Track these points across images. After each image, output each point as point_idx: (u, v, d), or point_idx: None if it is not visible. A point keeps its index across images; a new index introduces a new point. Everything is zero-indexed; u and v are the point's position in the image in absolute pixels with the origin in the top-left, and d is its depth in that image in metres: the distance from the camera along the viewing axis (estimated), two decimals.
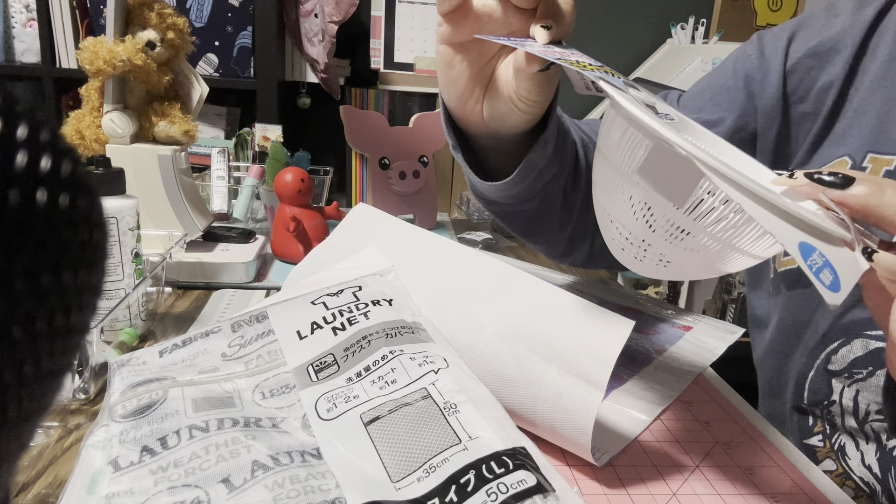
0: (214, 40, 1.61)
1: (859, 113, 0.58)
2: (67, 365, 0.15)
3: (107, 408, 0.39)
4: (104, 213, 0.15)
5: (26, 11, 1.60)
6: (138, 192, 0.65)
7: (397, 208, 1.06)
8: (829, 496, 0.43)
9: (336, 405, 0.38)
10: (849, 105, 0.59)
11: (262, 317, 0.46)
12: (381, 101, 1.68)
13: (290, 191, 0.84)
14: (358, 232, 0.55)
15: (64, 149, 0.14)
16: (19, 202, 0.12)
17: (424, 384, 0.39)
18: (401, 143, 1.04)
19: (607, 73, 0.38)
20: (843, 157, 0.58)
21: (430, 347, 0.42)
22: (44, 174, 0.13)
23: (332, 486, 0.33)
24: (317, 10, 1.54)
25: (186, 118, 0.78)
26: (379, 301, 0.46)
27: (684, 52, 1.71)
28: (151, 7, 0.75)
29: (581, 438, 0.42)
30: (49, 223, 0.13)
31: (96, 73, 0.72)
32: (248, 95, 1.61)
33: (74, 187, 0.14)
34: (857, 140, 0.58)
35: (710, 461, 0.46)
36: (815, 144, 0.61)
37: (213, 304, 0.72)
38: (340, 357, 0.42)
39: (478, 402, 0.37)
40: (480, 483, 0.32)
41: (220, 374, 0.42)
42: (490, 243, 1.06)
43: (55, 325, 0.14)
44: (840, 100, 0.59)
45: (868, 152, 0.57)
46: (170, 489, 0.32)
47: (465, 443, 0.35)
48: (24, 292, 0.13)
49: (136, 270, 0.62)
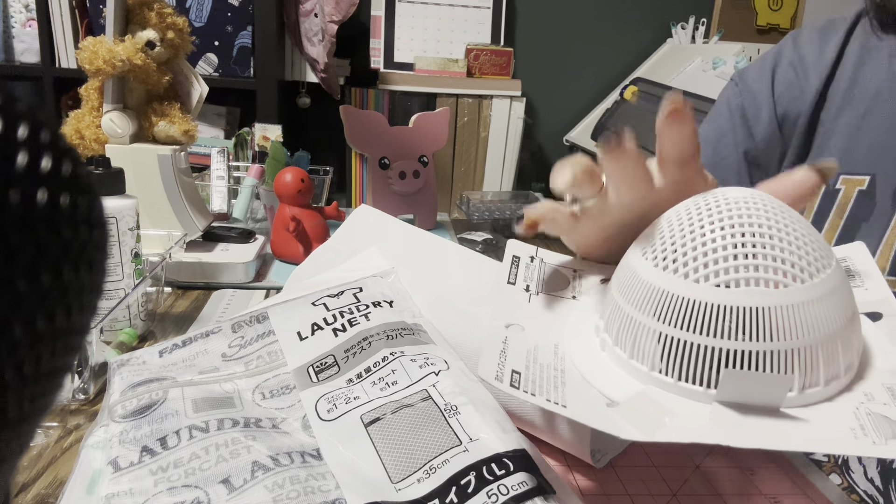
0: (214, 40, 1.61)
1: (828, 136, 0.61)
2: (68, 365, 0.15)
3: (106, 408, 0.39)
4: (104, 213, 0.15)
5: (26, 11, 1.60)
6: (138, 192, 0.65)
7: (397, 208, 1.06)
8: (829, 497, 0.43)
9: (336, 406, 0.38)
10: (819, 128, 0.62)
11: (263, 317, 0.46)
12: (381, 101, 1.68)
13: (290, 191, 0.84)
14: (359, 233, 0.55)
15: (64, 149, 0.14)
16: (20, 202, 0.12)
17: (425, 386, 0.39)
18: (401, 143, 1.04)
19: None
20: None
21: (431, 349, 0.42)
22: (44, 174, 0.13)
23: (332, 486, 0.33)
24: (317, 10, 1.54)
25: (186, 118, 0.78)
26: (380, 302, 0.45)
27: (684, 52, 1.71)
28: (151, 7, 0.75)
29: (580, 440, 0.42)
30: (50, 223, 0.13)
31: (96, 73, 0.72)
32: (248, 95, 1.61)
33: (75, 187, 0.14)
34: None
35: (710, 461, 0.46)
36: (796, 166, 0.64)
37: (213, 304, 0.72)
38: (341, 358, 0.42)
39: (478, 405, 0.37)
40: (481, 484, 0.32)
41: (220, 375, 0.42)
42: (490, 243, 1.06)
43: (56, 325, 0.14)
44: (811, 127, 0.62)
45: (840, 174, 0.59)
46: (170, 489, 0.32)
47: (465, 444, 0.34)
48: (25, 292, 0.13)
49: (135, 270, 0.62)
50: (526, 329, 0.38)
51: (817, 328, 0.32)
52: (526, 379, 0.33)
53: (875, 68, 0.60)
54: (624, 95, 1.64)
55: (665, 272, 0.34)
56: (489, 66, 1.72)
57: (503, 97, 1.71)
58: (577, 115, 1.89)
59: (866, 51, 0.61)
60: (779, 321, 0.31)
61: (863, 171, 0.58)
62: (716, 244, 0.33)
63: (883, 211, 0.57)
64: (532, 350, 0.36)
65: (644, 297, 0.34)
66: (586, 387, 0.35)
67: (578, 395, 0.33)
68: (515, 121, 1.73)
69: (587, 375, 0.35)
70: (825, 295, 0.32)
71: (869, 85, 0.59)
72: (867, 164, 0.58)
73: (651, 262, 0.35)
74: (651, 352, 0.34)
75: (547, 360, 0.36)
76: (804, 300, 0.32)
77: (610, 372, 0.36)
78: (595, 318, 0.39)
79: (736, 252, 0.32)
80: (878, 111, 0.58)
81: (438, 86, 1.69)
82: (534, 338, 0.37)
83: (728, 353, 0.32)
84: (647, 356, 0.34)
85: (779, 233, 0.33)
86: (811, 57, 0.63)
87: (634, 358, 0.35)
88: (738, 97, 0.67)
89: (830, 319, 0.32)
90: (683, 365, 0.33)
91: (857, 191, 0.58)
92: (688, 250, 0.33)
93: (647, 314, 0.34)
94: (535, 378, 0.33)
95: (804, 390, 0.32)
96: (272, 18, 1.55)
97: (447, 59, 1.69)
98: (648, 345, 0.34)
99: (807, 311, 0.32)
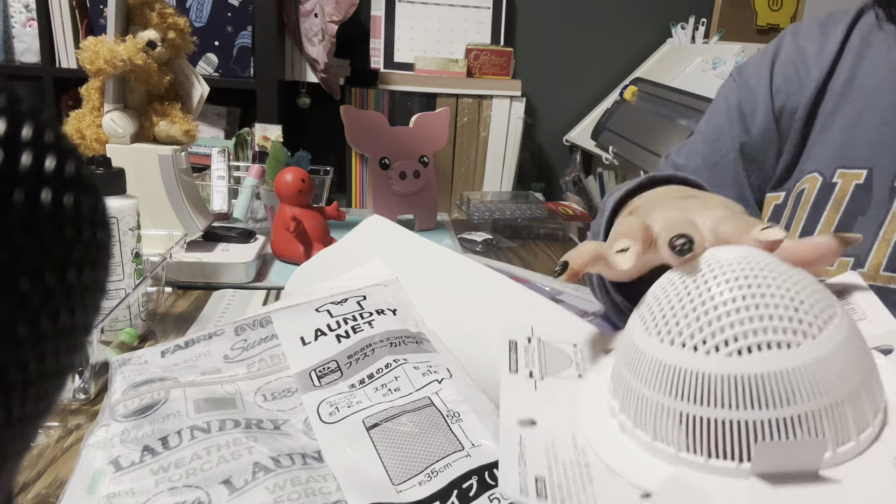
0: (214, 40, 1.61)
1: (825, 129, 0.61)
2: (71, 364, 0.15)
3: (108, 407, 0.39)
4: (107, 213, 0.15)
5: (26, 11, 1.60)
6: (138, 192, 0.65)
7: (397, 208, 1.06)
8: None
9: (338, 409, 0.38)
10: (817, 122, 0.62)
11: (266, 321, 0.46)
12: (381, 101, 1.68)
13: (291, 191, 0.84)
14: (369, 241, 0.55)
15: (68, 149, 0.14)
16: (24, 202, 0.12)
17: (428, 393, 0.39)
18: (401, 143, 1.04)
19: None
20: (814, 174, 0.61)
21: (434, 357, 0.42)
22: (48, 174, 0.13)
23: (333, 488, 0.33)
24: (316, 10, 1.54)
25: (187, 118, 0.78)
26: (383, 310, 0.46)
27: (684, 52, 1.71)
28: (152, 7, 0.75)
29: None
30: (53, 223, 0.13)
31: (97, 73, 0.72)
32: (248, 95, 1.61)
33: (79, 187, 0.14)
34: (826, 156, 0.60)
35: None
36: (791, 164, 0.63)
37: (213, 304, 0.72)
38: (344, 364, 0.42)
39: (480, 413, 0.37)
40: (482, 489, 0.32)
41: (222, 376, 0.42)
42: (490, 243, 1.06)
43: (60, 325, 0.14)
44: (809, 120, 0.62)
45: (837, 168, 0.59)
46: (171, 490, 0.32)
47: (467, 449, 0.35)
48: (30, 292, 0.13)
49: (136, 270, 0.62)
50: (538, 423, 0.36)
51: (840, 381, 0.31)
52: (552, 484, 0.31)
53: (874, 62, 0.60)
54: (624, 95, 1.64)
55: (672, 347, 0.32)
56: (489, 66, 1.72)
57: (503, 97, 1.71)
58: (577, 115, 1.89)
59: (866, 45, 0.61)
60: (801, 382, 0.30)
61: (860, 164, 0.58)
62: (718, 311, 0.31)
63: (880, 205, 0.57)
64: (550, 446, 0.34)
65: (656, 375, 0.33)
66: (615, 479, 0.33)
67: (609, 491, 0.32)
68: (515, 121, 1.73)
69: (613, 465, 0.33)
70: (840, 345, 0.31)
71: (868, 79, 0.59)
72: (865, 157, 0.58)
73: (656, 337, 0.33)
74: (675, 432, 0.32)
75: (568, 456, 0.34)
76: (820, 356, 0.31)
77: (635, 457, 0.34)
78: (607, 397, 0.37)
79: (741, 317, 0.31)
80: (876, 105, 0.58)
81: (438, 86, 1.69)
82: (549, 431, 0.36)
83: (753, 423, 0.30)
84: (672, 437, 0.32)
85: (779, 290, 0.31)
86: (812, 50, 0.63)
87: (658, 440, 0.33)
88: (736, 93, 0.67)
89: (851, 369, 0.31)
90: (711, 442, 0.31)
91: (854, 185, 0.58)
92: (691, 321, 0.32)
93: (662, 393, 0.32)
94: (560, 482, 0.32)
95: (837, 448, 0.31)
96: (272, 18, 1.55)
97: (447, 59, 1.69)
98: (671, 425, 0.32)
99: (826, 366, 0.30)
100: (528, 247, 1.08)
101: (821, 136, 0.61)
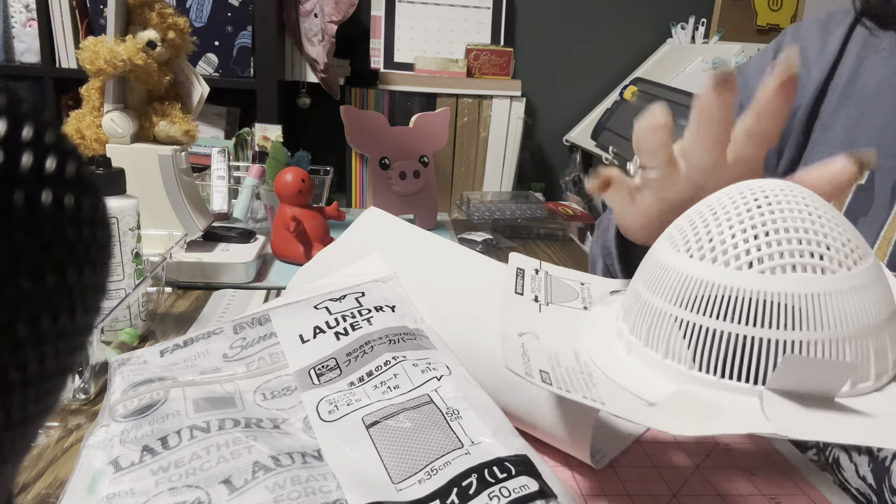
0: (214, 40, 1.61)
1: (826, 130, 0.61)
2: (72, 365, 0.15)
3: (107, 407, 0.39)
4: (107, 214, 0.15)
5: (26, 11, 1.60)
6: (138, 192, 0.65)
7: (398, 208, 1.06)
8: (829, 497, 0.43)
9: (338, 408, 0.38)
10: (818, 122, 0.62)
11: (265, 319, 0.46)
12: (381, 101, 1.68)
13: (291, 191, 0.84)
14: (368, 235, 0.55)
15: (69, 149, 0.14)
16: (25, 202, 0.12)
17: (427, 390, 0.39)
18: (401, 143, 1.04)
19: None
20: None
21: (433, 354, 0.42)
22: (49, 175, 0.13)
23: (333, 487, 0.33)
24: (316, 10, 1.54)
25: (187, 118, 0.78)
26: (382, 307, 0.46)
27: (684, 52, 1.71)
28: (152, 7, 0.75)
29: (581, 441, 0.42)
30: (54, 223, 0.13)
31: (97, 73, 0.72)
32: (248, 95, 1.61)
33: (79, 188, 0.14)
34: (827, 156, 0.60)
35: (710, 462, 0.46)
36: (792, 164, 0.63)
37: (214, 304, 0.72)
38: (343, 361, 0.42)
39: (480, 410, 0.37)
40: (482, 487, 0.32)
41: (221, 375, 0.42)
42: (490, 243, 1.06)
43: (60, 325, 0.14)
44: (810, 120, 0.62)
45: None
46: (171, 490, 0.32)
47: (467, 447, 0.35)
48: (30, 292, 0.13)
49: (136, 270, 0.62)
50: (540, 338, 0.36)
51: (867, 317, 0.30)
52: (556, 378, 0.31)
53: (876, 62, 0.60)
54: (624, 95, 1.64)
55: (703, 262, 0.31)
56: (489, 66, 1.72)
57: (503, 97, 1.71)
58: (577, 115, 1.89)
59: (868, 45, 0.61)
60: (829, 308, 0.30)
61: None
62: (756, 230, 0.31)
63: (881, 206, 0.57)
64: (553, 355, 0.34)
65: (679, 290, 0.32)
66: (618, 389, 0.33)
67: (613, 394, 0.31)
68: (515, 121, 1.73)
69: (616, 379, 0.33)
70: (870, 283, 0.31)
71: (870, 79, 0.59)
72: None
73: (685, 254, 0.32)
74: (689, 348, 0.32)
75: (570, 365, 0.34)
76: (852, 286, 0.30)
77: (640, 375, 0.33)
78: (616, 323, 0.37)
79: (779, 237, 0.30)
80: (878, 106, 0.58)
81: (438, 86, 1.69)
82: (551, 346, 0.35)
83: (775, 343, 0.30)
84: (684, 354, 0.32)
85: (819, 219, 0.31)
86: (813, 50, 0.63)
87: (669, 357, 0.32)
88: (737, 94, 0.67)
89: (878, 309, 0.31)
90: (728, 360, 0.31)
91: (855, 185, 0.58)
92: (726, 238, 0.31)
93: (683, 307, 0.32)
94: (564, 378, 0.31)
95: (856, 385, 0.30)
96: (272, 18, 1.55)
97: (447, 59, 1.70)
98: (686, 341, 0.32)
99: (855, 299, 0.30)
100: (528, 247, 1.08)
101: (822, 136, 0.61)
